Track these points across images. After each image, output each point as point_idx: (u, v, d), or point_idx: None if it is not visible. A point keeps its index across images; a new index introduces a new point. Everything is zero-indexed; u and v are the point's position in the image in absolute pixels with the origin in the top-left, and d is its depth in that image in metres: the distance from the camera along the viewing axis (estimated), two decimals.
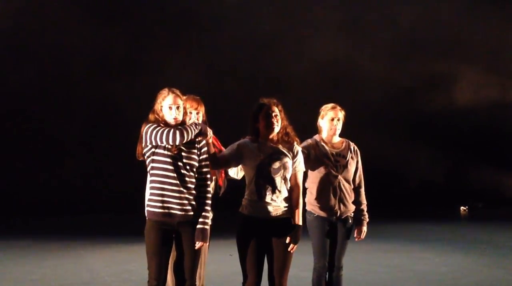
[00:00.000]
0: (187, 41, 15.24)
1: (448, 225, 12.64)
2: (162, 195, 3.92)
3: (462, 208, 15.80)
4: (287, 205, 4.15)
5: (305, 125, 4.98)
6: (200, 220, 3.98)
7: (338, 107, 4.80)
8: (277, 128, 4.16)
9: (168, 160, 3.91)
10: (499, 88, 17.46)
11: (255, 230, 4.08)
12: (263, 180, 4.08)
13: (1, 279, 7.00)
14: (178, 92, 4.02)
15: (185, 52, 14.97)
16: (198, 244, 3.96)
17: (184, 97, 4.15)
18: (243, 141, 4.20)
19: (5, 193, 13.63)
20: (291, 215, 4.16)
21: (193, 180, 3.98)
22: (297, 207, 4.18)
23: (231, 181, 4.62)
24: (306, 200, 4.76)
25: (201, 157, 4.04)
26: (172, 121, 3.98)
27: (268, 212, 4.08)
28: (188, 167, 3.95)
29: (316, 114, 4.85)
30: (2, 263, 8.13)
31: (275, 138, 4.18)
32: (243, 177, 4.37)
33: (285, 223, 4.12)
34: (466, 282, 6.73)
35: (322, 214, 4.65)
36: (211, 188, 4.13)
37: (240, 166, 4.34)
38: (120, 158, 11.58)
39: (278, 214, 4.11)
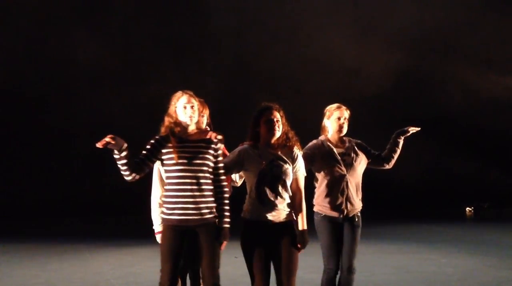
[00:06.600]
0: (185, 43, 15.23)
1: (454, 226, 12.60)
2: (178, 202, 3.90)
3: (468, 208, 15.74)
4: (289, 210, 4.14)
5: (306, 124, 4.95)
6: (224, 220, 3.99)
7: (344, 107, 4.78)
8: (278, 133, 4.14)
9: (180, 167, 3.90)
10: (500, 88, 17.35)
11: (258, 234, 4.06)
12: (265, 186, 4.06)
13: (6, 282, 7.02)
14: (191, 93, 4.07)
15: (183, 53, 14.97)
16: (223, 244, 4.02)
17: None
18: (244, 147, 4.17)
19: (11, 195, 13.66)
20: (293, 218, 4.15)
21: (209, 181, 3.95)
22: (300, 211, 4.16)
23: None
24: (313, 200, 4.75)
25: (217, 159, 4.02)
26: (188, 120, 4.00)
27: (270, 217, 4.06)
28: (204, 168, 3.93)
29: (315, 113, 4.81)
30: (8, 265, 8.15)
31: (276, 143, 4.15)
32: (243, 183, 4.37)
33: (287, 227, 4.11)
34: (472, 283, 6.70)
35: (329, 213, 4.64)
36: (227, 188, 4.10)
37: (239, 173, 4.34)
38: None
39: (280, 220, 4.09)
